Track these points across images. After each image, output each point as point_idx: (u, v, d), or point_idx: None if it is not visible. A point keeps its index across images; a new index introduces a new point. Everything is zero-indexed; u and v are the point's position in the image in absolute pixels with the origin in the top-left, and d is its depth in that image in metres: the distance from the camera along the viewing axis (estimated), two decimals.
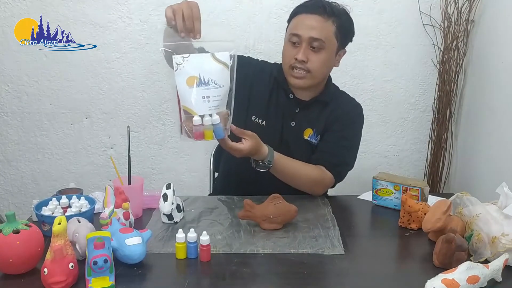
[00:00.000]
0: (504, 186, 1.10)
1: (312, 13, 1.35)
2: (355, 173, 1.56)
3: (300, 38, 1.35)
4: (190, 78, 1.08)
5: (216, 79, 1.10)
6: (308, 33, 1.34)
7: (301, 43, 1.35)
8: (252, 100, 1.45)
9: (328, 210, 1.33)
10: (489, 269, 0.93)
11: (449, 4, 2.00)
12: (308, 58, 1.35)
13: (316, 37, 1.34)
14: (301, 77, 1.38)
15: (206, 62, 1.11)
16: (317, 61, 1.36)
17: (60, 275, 0.89)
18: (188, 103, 1.09)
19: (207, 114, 1.09)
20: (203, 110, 1.09)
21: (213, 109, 1.10)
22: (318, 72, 1.38)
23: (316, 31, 1.34)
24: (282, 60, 1.43)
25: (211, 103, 1.09)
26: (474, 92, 2.01)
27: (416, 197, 1.31)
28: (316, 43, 1.35)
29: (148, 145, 2.19)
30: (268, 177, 1.47)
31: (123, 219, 1.14)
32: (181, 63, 1.08)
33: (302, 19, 1.36)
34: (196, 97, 1.08)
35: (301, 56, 1.34)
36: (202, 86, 1.08)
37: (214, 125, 1.10)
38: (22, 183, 2.21)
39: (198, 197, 1.44)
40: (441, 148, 2.13)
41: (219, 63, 1.11)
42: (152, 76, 2.11)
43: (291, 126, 1.46)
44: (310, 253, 1.07)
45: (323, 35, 1.35)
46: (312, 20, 1.35)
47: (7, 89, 2.10)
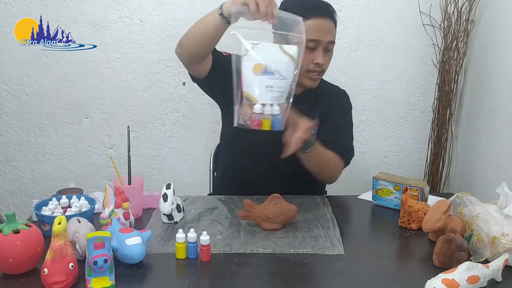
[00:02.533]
0: (504, 186, 1.10)
1: (324, 17, 1.37)
2: (355, 173, 1.57)
3: (319, 43, 1.36)
4: (257, 65, 1.08)
5: (282, 71, 1.10)
6: (326, 38, 1.37)
7: (318, 47, 1.37)
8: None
9: (328, 210, 1.33)
10: (489, 269, 0.93)
11: (449, 4, 2.00)
12: (324, 61, 1.39)
13: (332, 40, 1.39)
14: (317, 79, 1.43)
15: (275, 52, 1.11)
16: (328, 61, 1.42)
17: (60, 275, 0.89)
18: (251, 90, 1.09)
19: (268, 103, 1.09)
20: (265, 99, 1.09)
21: (274, 100, 1.10)
22: (326, 70, 1.44)
23: (331, 35, 1.39)
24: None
25: (274, 93, 1.10)
26: (474, 92, 2.01)
27: (416, 197, 1.31)
28: (331, 46, 1.40)
29: (148, 145, 2.19)
30: (268, 177, 1.48)
31: (123, 219, 1.14)
32: (250, 49, 1.09)
33: (318, 23, 1.36)
34: (260, 85, 1.09)
35: (322, 60, 1.38)
36: (268, 75, 1.09)
37: (274, 115, 1.10)
38: (22, 183, 2.21)
39: (198, 197, 1.44)
40: (441, 148, 2.14)
41: (286, 55, 1.11)
42: (152, 76, 2.11)
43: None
44: (310, 253, 1.07)
45: (334, 37, 1.41)
46: (327, 24, 1.37)
47: (7, 89, 2.10)
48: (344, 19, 2.07)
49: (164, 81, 2.11)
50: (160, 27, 2.05)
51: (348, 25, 2.08)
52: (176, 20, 2.04)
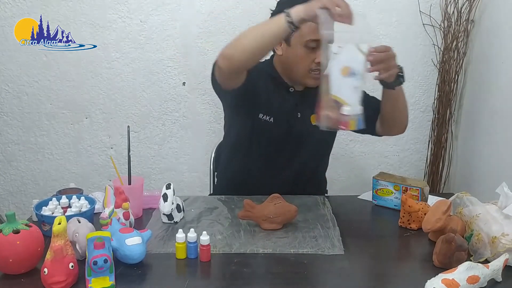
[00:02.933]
0: (504, 186, 1.10)
1: None
2: (355, 173, 1.57)
3: (319, 42, 1.34)
4: (344, 68, 1.11)
5: (361, 70, 1.13)
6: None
7: (317, 47, 1.36)
8: (257, 98, 1.46)
9: (328, 210, 1.33)
10: (489, 269, 0.93)
11: (449, 4, 2.00)
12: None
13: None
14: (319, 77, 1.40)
15: (355, 53, 1.13)
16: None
17: (60, 275, 0.89)
18: (339, 93, 1.12)
19: (356, 104, 1.12)
20: (354, 100, 1.12)
21: (360, 100, 1.13)
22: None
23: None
24: (297, 64, 1.41)
25: (358, 94, 1.13)
26: (474, 92, 2.01)
27: (416, 197, 1.31)
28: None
29: (148, 145, 2.19)
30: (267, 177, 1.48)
31: (123, 219, 1.14)
32: (338, 52, 1.11)
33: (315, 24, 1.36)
34: (347, 87, 1.12)
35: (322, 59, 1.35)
36: (354, 76, 1.12)
37: (359, 115, 1.13)
38: (22, 183, 2.21)
39: (198, 197, 1.44)
40: (441, 148, 2.13)
41: (363, 54, 1.14)
42: (152, 76, 2.11)
43: (298, 118, 1.48)
44: (310, 253, 1.07)
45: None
46: None
47: (7, 89, 2.10)
48: None
49: (164, 81, 2.11)
50: (160, 27, 2.05)
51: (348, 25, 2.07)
52: (176, 20, 2.04)
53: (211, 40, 2.06)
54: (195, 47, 2.07)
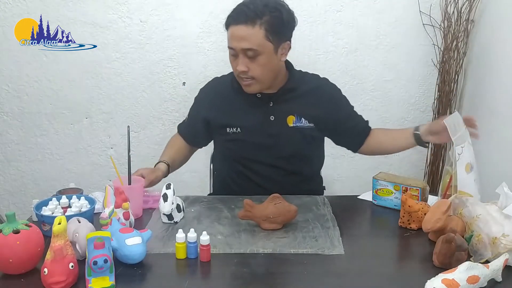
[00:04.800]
0: (504, 186, 1.10)
1: (238, 24, 1.32)
2: (355, 173, 1.57)
3: (235, 50, 1.35)
4: (467, 165, 1.23)
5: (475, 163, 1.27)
6: (239, 45, 1.33)
7: (237, 55, 1.36)
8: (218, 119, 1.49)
9: (328, 210, 1.33)
10: (489, 269, 0.93)
11: (449, 4, 2.00)
12: (248, 67, 1.36)
13: (247, 48, 1.33)
14: (250, 84, 1.40)
15: (471, 149, 1.27)
16: (257, 68, 1.36)
17: (60, 275, 0.89)
18: (465, 188, 1.22)
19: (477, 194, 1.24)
20: (476, 191, 1.23)
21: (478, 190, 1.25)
22: (262, 76, 1.38)
23: (246, 42, 1.32)
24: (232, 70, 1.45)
25: (478, 185, 1.25)
26: (474, 92, 2.01)
27: (416, 197, 1.31)
28: (250, 53, 1.33)
29: (148, 145, 2.19)
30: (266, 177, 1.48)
31: (123, 219, 1.14)
32: (461, 152, 1.22)
33: (232, 31, 1.35)
34: (471, 181, 1.23)
35: (241, 67, 1.36)
36: (473, 170, 1.25)
37: None
38: (22, 183, 2.21)
39: (198, 197, 1.44)
40: (441, 148, 2.13)
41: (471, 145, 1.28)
42: (152, 76, 2.11)
43: (272, 121, 1.47)
44: (310, 253, 1.07)
45: (254, 43, 1.32)
46: (239, 31, 1.32)
47: (7, 89, 2.10)
48: (344, 19, 2.07)
49: (164, 81, 2.11)
50: (160, 27, 2.05)
51: (348, 25, 2.08)
52: (176, 20, 2.04)
53: (211, 40, 2.06)
54: (195, 47, 2.07)
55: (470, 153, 1.26)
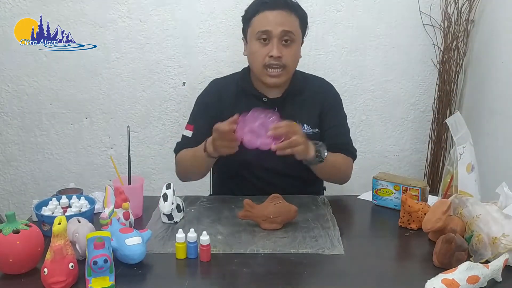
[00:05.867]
0: (504, 186, 1.10)
1: (276, 9, 1.35)
2: (355, 173, 1.57)
3: (271, 34, 1.33)
4: (468, 165, 1.23)
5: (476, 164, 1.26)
6: (279, 28, 1.33)
7: (271, 39, 1.34)
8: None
9: (328, 210, 1.33)
10: (489, 269, 0.93)
11: (449, 4, 2.00)
12: (282, 54, 1.34)
13: (288, 30, 1.34)
14: (278, 75, 1.38)
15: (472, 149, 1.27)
16: (290, 55, 1.36)
17: (60, 275, 0.89)
18: (465, 187, 1.22)
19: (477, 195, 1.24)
20: (475, 192, 1.24)
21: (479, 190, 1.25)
22: (292, 66, 1.39)
23: (286, 25, 1.34)
24: (253, 60, 1.40)
25: (478, 185, 1.26)
26: (474, 92, 2.01)
27: (416, 197, 1.31)
28: (287, 36, 1.35)
29: (148, 145, 2.19)
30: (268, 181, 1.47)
31: (123, 219, 1.14)
32: (463, 152, 1.22)
33: (267, 15, 1.34)
34: (471, 182, 1.24)
35: (277, 52, 1.33)
36: (473, 170, 1.25)
37: None
38: (22, 183, 2.21)
39: (198, 197, 1.44)
40: (441, 148, 2.13)
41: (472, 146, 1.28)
42: (152, 76, 2.11)
43: None
44: (310, 253, 1.07)
45: (293, 27, 1.36)
46: (278, 16, 1.34)
47: (7, 89, 2.10)
48: (344, 19, 2.07)
49: (164, 81, 2.11)
50: (160, 27, 2.05)
51: (348, 25, 2.08)
52: (176, 20, 2.04)
53: (211, 40, 2.06)
54: (195, 47, 2.07)
55: (471, 153, 1.26)
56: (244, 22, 1.44)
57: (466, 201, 1.15)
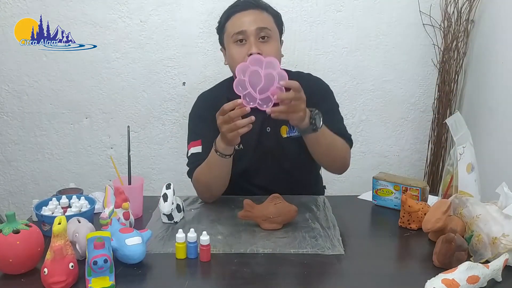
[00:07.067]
0: (504, 186, 1.10)
1: (248, 9, 1.34)
2: (355, 173, 1.57)
3: (246, 33, 1.31)
4: (468, 165, 1.23)
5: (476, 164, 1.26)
6: (253, 25, 1.31)
7: (248, 39, 1.32)
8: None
9: (328, 210, 1.33)
10: (489, 269, 0.93)
11: (449, 4, 2.00)
12: (261, 50, 1.31)
13: (263, 26, 1.32)
14: None
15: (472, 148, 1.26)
16: (270, 51, 1.31)
17: (60, 275, 0.89)
18: (465, 187, 1.22)
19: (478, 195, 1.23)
20: (476, 192, 1.23)
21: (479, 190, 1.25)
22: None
23: (260, 22, 1.33)
24: (234, 65, 1.32)
25: (478, 185, 1.25)
26: (474, 92, 2.01)
27: (416, 197, 1.31)
28: (263, 33, 1.32)
29: (148, 145, 2.19)
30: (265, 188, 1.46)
31: (123, 219, 1.14)
32: (463, 152, 1.22)
33: (239, 17, 1.34)
34: (471, 182, 1.23)
35: (255, 49, 1.30)
36: (473, 170, 1.24)
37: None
38: (22, 183, 2.21)
39: (198, 197, 1.44)
40: (441, 148, 2.14)
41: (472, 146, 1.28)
42: (152, 76, 2.11)
43: (268, 132, 1.43)
44: (310, 253, 1.07)
45: (267, 24, 1.34)
46: (251, 14, 1.34)
47: (7, 89, 2.10)
48: (344, 19, 2.07)
49: (164, 81, 2.11)
50: (160, 27, 2.05)
51: (348, 25, 2.08)
52: (176, 20, 2.04)
53: (211, 40, 2.06)
54: (195, 47, 2.08)
55: (471, 153, 1.26)
56: (219, 32, 1.43)
57: (466, 201, 1.15)
